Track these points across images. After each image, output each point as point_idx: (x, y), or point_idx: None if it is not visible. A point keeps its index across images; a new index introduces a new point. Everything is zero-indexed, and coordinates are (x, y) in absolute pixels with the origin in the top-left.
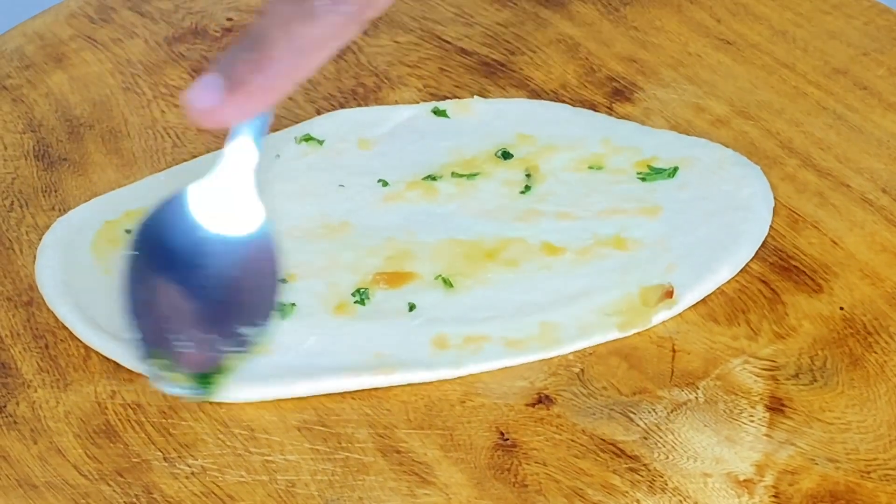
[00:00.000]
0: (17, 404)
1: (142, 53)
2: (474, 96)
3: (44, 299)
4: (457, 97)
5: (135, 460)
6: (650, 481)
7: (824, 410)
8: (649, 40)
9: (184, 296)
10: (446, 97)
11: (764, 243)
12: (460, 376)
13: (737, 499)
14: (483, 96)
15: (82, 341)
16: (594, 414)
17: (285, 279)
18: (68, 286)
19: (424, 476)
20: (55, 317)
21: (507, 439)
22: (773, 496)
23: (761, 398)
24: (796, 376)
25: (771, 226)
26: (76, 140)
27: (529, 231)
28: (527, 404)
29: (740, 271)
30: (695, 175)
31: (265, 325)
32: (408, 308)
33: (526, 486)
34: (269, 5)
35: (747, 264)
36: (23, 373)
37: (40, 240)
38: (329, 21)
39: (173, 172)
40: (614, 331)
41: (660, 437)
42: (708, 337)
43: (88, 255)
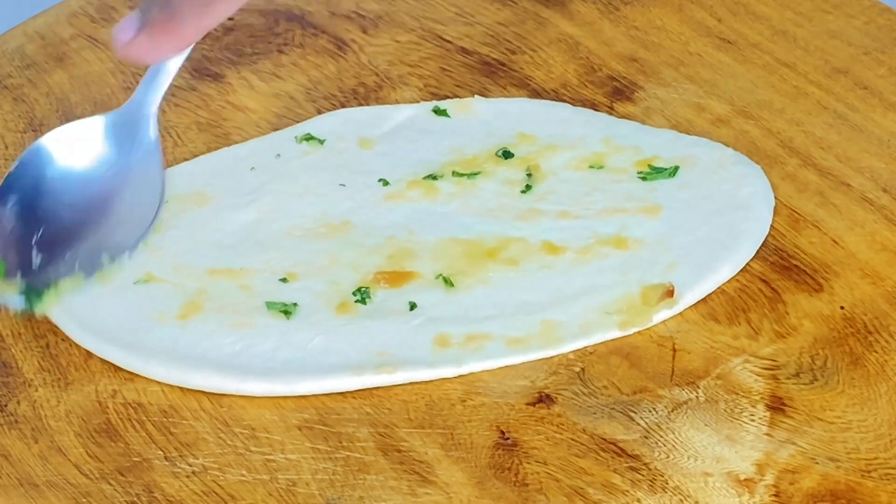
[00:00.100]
0: (18, 403)
1: None
2: (475, 96)
3: None
4: (457, 96)
5: (136, 459)
6: (651, 480)
7: (825, 410)
8: (650, 40)
9: (37, 219)
10: (447, 96)
11: (764, 243)
12: (461, 375)
13: (737, 498)
14: (484, 96)
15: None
16: (595, 413)
17: (284, 279)
18: None
19: (425, 475)
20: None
21: (507, 438)
22: (774, 495)
23: (762, 397)
24: (797, 375)
25: (771, 225)
26: None
27: (530, 230)
28: (527, 403)
29: (741, 270)
30: (695, 174)
31: (118, 257)
32: (409, 307)
33: (526, 485)
34: None
35: (748, 263)
36: (24, 372)
37: None
38: None
39: (173, 172)
40: (615, 330)
41: (660, 436)
42: (708, 336)
43: None
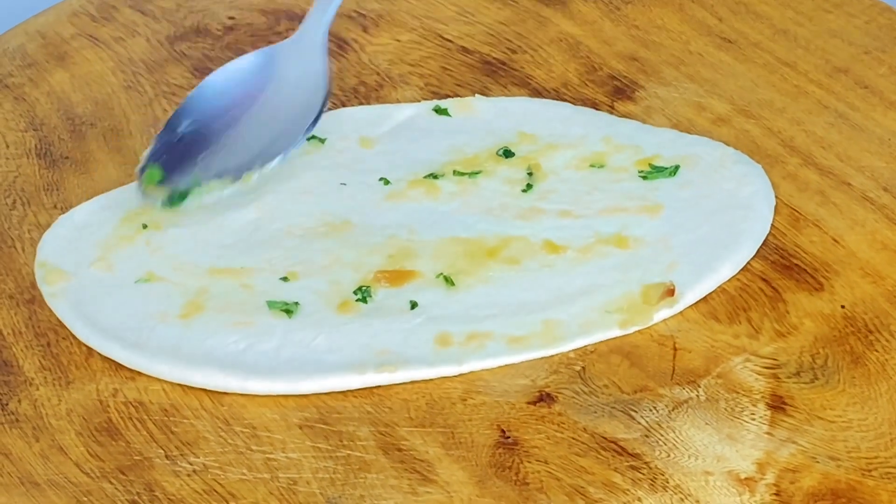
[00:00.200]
0: (18, 402)
1: (144, 52)
2: (476, 95)
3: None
4: (458, 96)
5: (136, 458)
6: (651, 479)
7: (825, 409)
8: (650, 39)
9: (205, 140)
10: (448, 96)
11: (765, 242)
12: (462, 374)
13: (738, 497)
14: (484, 95)
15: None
16: (595, 412)
17: (285, 278)
18: (69, 285)
19: (426, 474)
20: (57, 315)
21: (508, 437)
22: (775, 494)
23: (762, 396)
24: (797, 374)
25: (772, 224)
26: (78, 138)
27: (531, 229)
28: (528, 402)
29: (741, 269)
30: (696, 173)
31: (261, 164)
32: (410, 306)
33: (527, 483)
34: None
35: (748, 262)
36: (25, 371)
37: (42, 238)
38: None
39: None
40: (616, 329)
41: (661, 435)
42: (709, 335)
43: (90, 254)
